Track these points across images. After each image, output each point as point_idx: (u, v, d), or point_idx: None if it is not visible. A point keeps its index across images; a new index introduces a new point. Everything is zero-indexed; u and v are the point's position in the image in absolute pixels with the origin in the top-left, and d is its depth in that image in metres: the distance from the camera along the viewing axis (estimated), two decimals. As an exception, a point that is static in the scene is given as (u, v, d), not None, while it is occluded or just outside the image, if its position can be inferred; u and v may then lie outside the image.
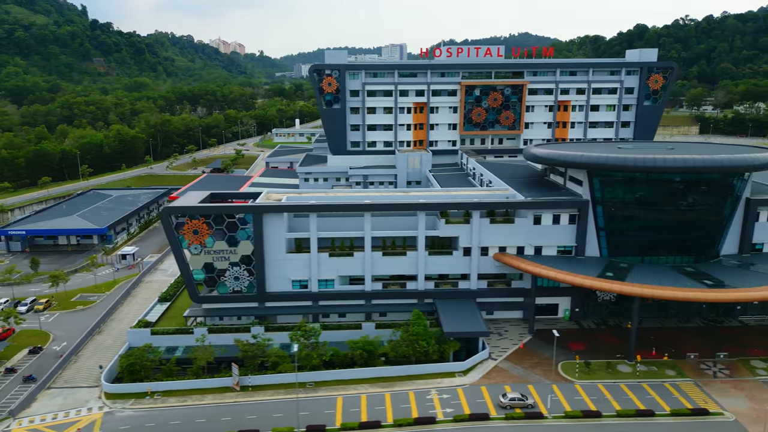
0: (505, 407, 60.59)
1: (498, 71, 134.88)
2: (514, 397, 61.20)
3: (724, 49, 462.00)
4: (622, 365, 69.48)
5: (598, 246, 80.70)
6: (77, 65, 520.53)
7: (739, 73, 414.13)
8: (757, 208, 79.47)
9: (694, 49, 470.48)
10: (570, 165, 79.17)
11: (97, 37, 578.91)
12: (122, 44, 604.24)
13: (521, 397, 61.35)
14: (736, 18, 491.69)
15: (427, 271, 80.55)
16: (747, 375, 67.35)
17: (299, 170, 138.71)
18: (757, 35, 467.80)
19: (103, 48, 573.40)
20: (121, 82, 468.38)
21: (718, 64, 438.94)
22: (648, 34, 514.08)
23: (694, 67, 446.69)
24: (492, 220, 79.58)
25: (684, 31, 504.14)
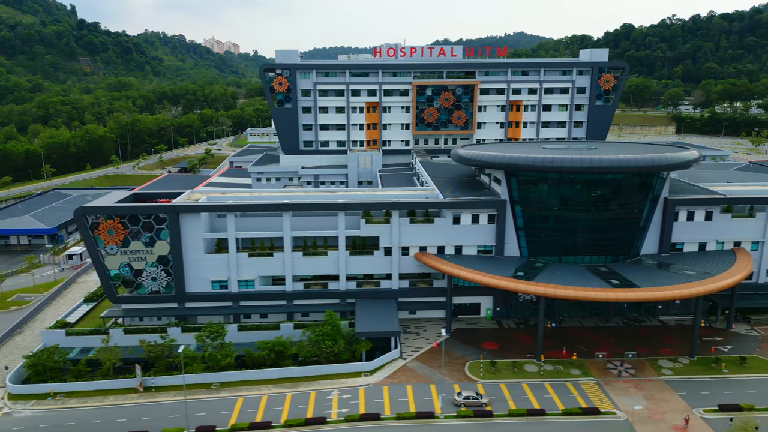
0: (458, 405, 60.91)
1: (450, 71, 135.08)
2: (468, 396, 61.49)
3: (710, 48, 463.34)
4: (530, 365, 69.71)
5: (518, 246, 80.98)
6: (62, 65, 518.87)
7: (724, 73, 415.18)
8: (675, 208, 79.84)
9: (680, 48, 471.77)
10: (485, 165, 79.27)
11: (83, 37, 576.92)
12: (109, 44, 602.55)
13: (475, 396, 61.57)
14: (722, 17, 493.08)
15: (348, 271, 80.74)
16: (652, 375, 67.60)
17: (251, 170, 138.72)
18: (743, 34, 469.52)
19: (89, 48, 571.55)
20: (105, 82, 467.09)
21: (703, 63, 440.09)
22: (634, 34, 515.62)
23: (678, 67, 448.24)
24: (412, 220, 79.71)
25: (670, 30, 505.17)
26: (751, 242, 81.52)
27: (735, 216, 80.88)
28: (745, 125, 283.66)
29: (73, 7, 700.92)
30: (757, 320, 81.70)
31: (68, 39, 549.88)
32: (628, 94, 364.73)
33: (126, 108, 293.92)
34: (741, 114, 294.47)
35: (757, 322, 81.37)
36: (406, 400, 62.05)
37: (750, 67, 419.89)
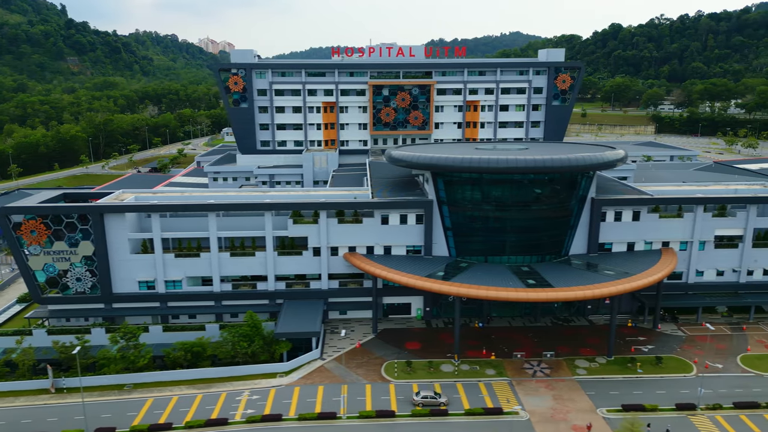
0: (416, 405, 60.95)
1: (406, 71, 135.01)
2: (427, 395, 61.53)
3: (697, 48, 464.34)
4: (447, 365, 69.79)
5: (447, 246, 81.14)
6: (49, 64, 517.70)
7: (710, 72, 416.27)
8: (601, 208, 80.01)
9: (667, 48, 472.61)
10: (411, 165, 79.26)
11: (71, 37, 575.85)
12: (97, 43, 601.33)
13: (433, 395, 61.61)
14: (710, 17, 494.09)
15: (277, 272, 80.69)
16: (566, 374, 67.73)
17: (207, 170, 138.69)
18: (730, 34, 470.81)
19: (77, 47, 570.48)
20: (91, 81, 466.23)
21: (689, 63, 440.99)
22: (622, 34, 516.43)
23: (665, 67, 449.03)
24: (340, 221, 79.72)
25: (658, 30, 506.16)
26: (679, 242, 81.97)
27: (663, 216, 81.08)
28: (724, 125, 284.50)
29: (63, 6, 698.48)
30: (685, 320, 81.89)
31: (56, 39, 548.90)
32: (609, 94, 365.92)
33: (106, 108, 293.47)
34: (719, 114, 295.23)
35: (686, 322, 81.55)
36: (314, 400, 62.07)
37: (736, 66, 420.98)
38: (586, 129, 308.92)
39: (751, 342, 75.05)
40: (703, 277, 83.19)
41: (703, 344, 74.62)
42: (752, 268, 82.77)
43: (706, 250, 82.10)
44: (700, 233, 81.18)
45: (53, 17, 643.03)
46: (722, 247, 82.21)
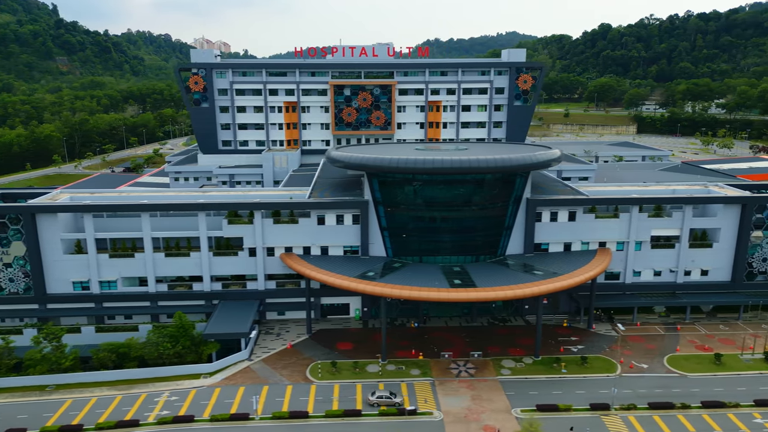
0: (372, 405, 61.03)
1: (368, 71, 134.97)
2: (382, 395, 61.71)
3: (685, 48, 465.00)
4: (374, 365, 69.76)
5: (384, 246, 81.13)
6: (38, 64, 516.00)
7: (698, 72, 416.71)
8: (536, 208, 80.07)
9: (656, 48, 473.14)
10: (347, 166, 79.13)
11: (60, 36, 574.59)
12: (87, 43, 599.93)
13: (389, 395, 61.71)
14: (699, 17, 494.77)
15: (213, 272, 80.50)
16: (491, 374, 67.76)
17: (168, 170, 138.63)
18: (719, 34, 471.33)
19: (66, 47, 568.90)
20: (79, 81, 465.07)
21: (677, 63, 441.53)
22: (611, 34, 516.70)
23: (653, 67, 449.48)
24: (276, 221, 79.68)
25: (647, 30, 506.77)
26: (616, 242, 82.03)
27: (599, 216, 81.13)
28: (704, 125, 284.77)
29: (54, 6, 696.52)
30: (622, 320, 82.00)
31: (44, 38, 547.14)
32: (593, 94, 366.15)
33: (89, 108, 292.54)
34: (700, 114, 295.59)
35: (622, 321, 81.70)
36: (231, 401, 62.02)
37: (723, 66, 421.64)
38: (568, 129, 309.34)
39: (682, 342, 75.19)
40: (640, 277, 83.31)
41: (633, 344, 74.81)
42: (689, 269, 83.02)
43: (643, 251, 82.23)
44: (636, 233, 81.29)
45: (44, 17, 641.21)
46: (659, 248, 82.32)
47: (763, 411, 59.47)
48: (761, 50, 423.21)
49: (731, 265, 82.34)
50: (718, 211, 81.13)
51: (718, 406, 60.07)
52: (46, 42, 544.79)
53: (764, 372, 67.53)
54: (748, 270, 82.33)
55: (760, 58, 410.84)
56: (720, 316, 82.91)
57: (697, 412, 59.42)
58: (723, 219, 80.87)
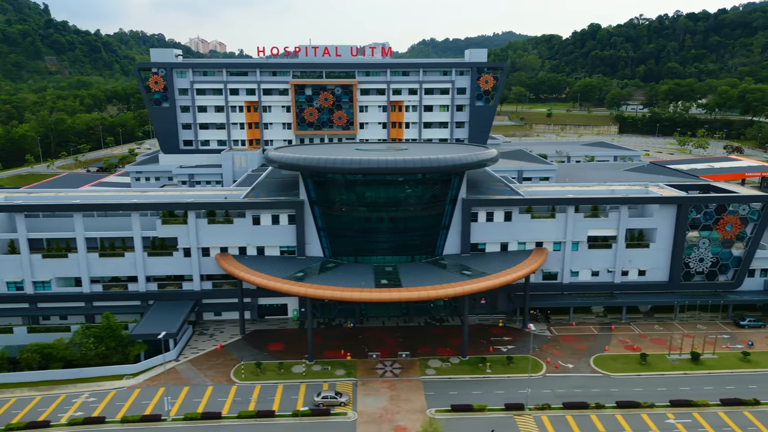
0: (317, 405, 61.08)
1: (330, 71, 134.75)
2: (327, 395, 61.76)
3: (674, 48, 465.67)
4: (300, 365, 69.67)
5: (321, 246, 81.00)
6: (27, 64, 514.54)
7: (685, 72, 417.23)
8: (472, 209, 79.97)
9: (644, 48, 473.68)
10: (281, 166, 78.87)
11: (49, 36, 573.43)
12: (77, 43, 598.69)
13: (334, 395, 61.75)
14: (688, 17, 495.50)
15: (148, 272, 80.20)
16: (415, 374, 67.68)
17: (129, 169, 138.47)
18: (708, 34, 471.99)
19: (56, 46, 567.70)
20: (66, 81, 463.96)
21: (665, 63, 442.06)
22: (600, 34, 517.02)
23: (641, 67, 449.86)
24: (210, 221, 79.46)
25: (636, 30, 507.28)
26: (552, 242, 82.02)
27: (535, 217, 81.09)
28: (685, 125, 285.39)
29: (45, 6, 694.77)
30: (558, 320, 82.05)
31: (33, 38, 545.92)
32: (576, 94, 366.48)
33: (71, 107, 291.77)
34: (680, 114, 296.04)
35: (558, 321, 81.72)
36: (148, 402, 61.88)
37: (711, 67, 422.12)
38: (550, 129, 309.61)
39: (613, 342, 75.24)
40: (578, 277, 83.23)
41: (563, 344, 74.79)
42: (627, 269, 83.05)
43: (580, 251, 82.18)
44: (573, 234, 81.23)
45: (34, 16, 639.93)
46: (596, 248, 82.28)
47: (677, 411, 59.51)
48: (749, 50, 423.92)
49: (668, 266, 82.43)
50: (654, 212, 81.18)
51: (632, 406, 60.05)
52: (35, 42, 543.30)
53: (688, 372, 67.61)
54: (685, 270, 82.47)
55: (747, 58, 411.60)
56: (657, 317, 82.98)
57: (611, 412, 59.42)
58: (659, 219, 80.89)
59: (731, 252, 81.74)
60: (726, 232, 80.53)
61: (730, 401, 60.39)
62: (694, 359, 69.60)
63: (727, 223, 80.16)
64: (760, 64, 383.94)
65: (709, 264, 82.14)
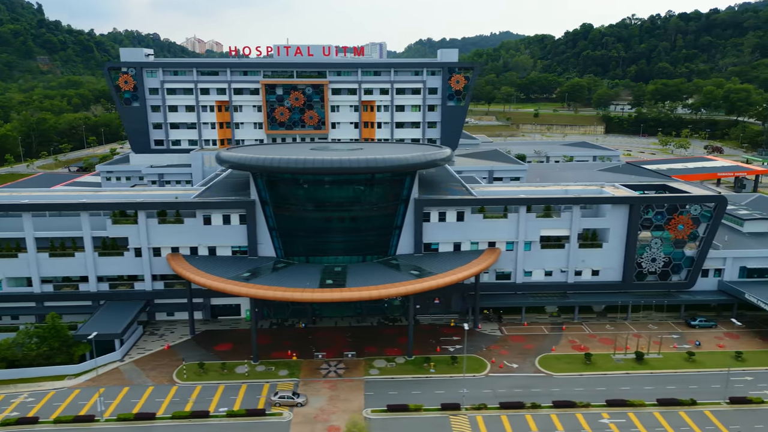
0: (274, 405, 61.05)
1: (301, 71, 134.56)
2: (284, 395, 61.70)
3: (665, 48, 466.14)
4: (244, 366, 69.49)
5: (273, 246, 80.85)
6: (18, 63, 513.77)
7: (676, 72, 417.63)
8: (424, 209, 79.85)
9: (636, 48, 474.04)
10: (232, 166, 78.70)
11: (42, 35, 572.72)
12: (69, 42, 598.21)
13: (291, 395, 61.66)
14: (680, 17, 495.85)
15: (99, 272, 79.90)
16: (359, 374, 67.55)
17: (99, 169, 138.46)
18: (699, 34, 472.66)
19: (48, 46, 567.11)
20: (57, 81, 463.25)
21: (656, 63, 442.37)
22: (592, 34, 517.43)
23: (632, 67, 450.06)
24: (161, 221, 79.28)
25: (628, 30, 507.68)
26: (505, 242, 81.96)
27: (487, 217, 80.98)
28: (670, 125, 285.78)
29: (39, 5, 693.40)
30: (510, 320, 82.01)
31: (25, 37, 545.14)
32: (564, 94, 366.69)
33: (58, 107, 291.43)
34: (666, 114, 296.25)
35: (510, 321, 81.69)
36: (85, 403, 61.68)
37: (701, 67, 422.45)
38: (537, 129, 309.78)
39: (562, 342, 75.18)
40: (531, 277, 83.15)
41: (512, 344, 74.70)
42: (580, 269, 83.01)
43: (533, 251, 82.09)
44: (525, 233, 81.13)
45: (27, 16, 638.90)
46: (549, 248, 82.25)
47: (613, 411, 59.45)
48: (739, 50, 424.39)
49: (622, 266, 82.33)
50: (607, 212, 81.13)
51: (568, 405, 59.97)
52: (27, 41, 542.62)
53: (631, 372, 67.56)
54: (638, 270, 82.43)
55: (737, 58, 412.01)
56: (610, 316, 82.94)
57: (546, 412, 59.34)
58: (611, 219, 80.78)
59: (684, 252, 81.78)
60: (678, 232, 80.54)
61: (666, 401, 60.36)
62: (638, 359, 69.57)
63: (678, 223, 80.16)
64: (750, 64, 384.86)
65: (661, 264, 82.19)
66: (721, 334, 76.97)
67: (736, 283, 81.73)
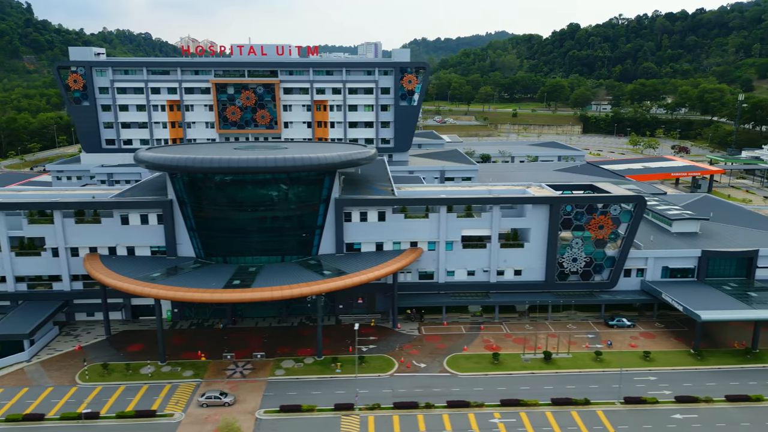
0: (202, 405, 60.92)
1: (252, 70, 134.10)
2: (211, 395, 61.55)
3: (650, 48, 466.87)
4: (150, 366, 69.08)
5: (192, 246, 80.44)
6: (4, 63, 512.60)
7: (661, 72, 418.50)
8: (344, 208, 79.54)
9: (622, 48, 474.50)
10: (148, 167, 78.31)
11: (28, 35, 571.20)
12: (56, 42, 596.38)
13: (218, 395, 61.51)
14: (666, 17, 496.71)
15: (17, 272, 79.28)
16: (264, 375, 67.18)
17: (50, 168, 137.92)
18: (685, 34, 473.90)
19: (34, 46, 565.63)
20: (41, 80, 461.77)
21: (642, 63, 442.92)
22: (578, 34, 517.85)
23: (617, 66, 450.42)
24: (78, 221, 78.80)
25: (615, 30, 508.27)
26: (427, 242, 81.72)
27: (409, 216, 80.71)
28: (646, 125, 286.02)
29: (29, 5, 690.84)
30: (432, 319, 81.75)
31: (12, 37, 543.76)
32: (543, 94, 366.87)
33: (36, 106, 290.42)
34: (642, 114, 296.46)
35: (432, 321, 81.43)
36: (-20, 403, 61.42)
37: (686, 66, 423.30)
38: (514, 129, 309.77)
39: (476, 342, 74.95)
40: (454, 277, 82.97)
41: (426, 344, 74.40)
42: (503, 268, 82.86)
43: (455, 250, 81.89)
44: (446, 233, 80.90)
45: (16, 15, 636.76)
46: (471, 248, 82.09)
47: (505, 411, 59.27)
48: (724, 50, 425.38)
49: (544, 265, 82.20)
50: (527, 212, 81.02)
51: (462, 405, 59.78)
52: (13, 40, 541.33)
53: (536, 372, 67.38)
54: (560, 270, 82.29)
55: (721, 58, 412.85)
56: (532, 316, 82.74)
57: (439, 412, 59.13)
58: (532, 219, 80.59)
59: (605, 252, 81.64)
60: (598, 232, 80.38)
61: (561, 401, 60.20)
62: (546, 359, 69.38)
63: (598, 223, 79.99)
64: (734, 63, 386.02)
65: (583, 264, 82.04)
66: (637, 334, 76.91)
67: (657, 283, 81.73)
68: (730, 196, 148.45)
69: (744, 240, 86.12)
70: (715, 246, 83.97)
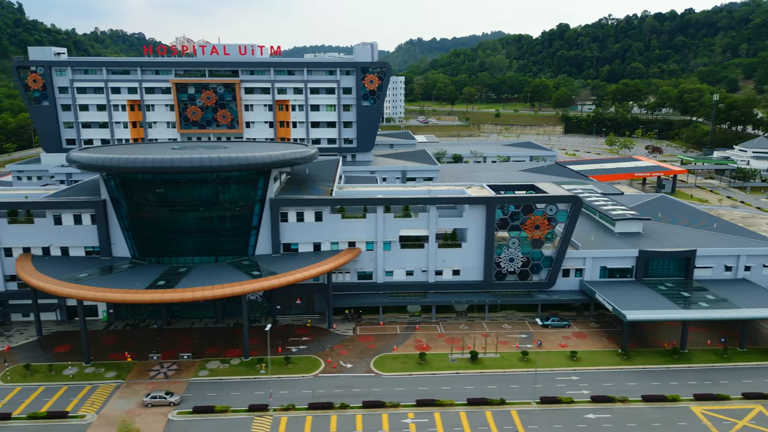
0: (147, 405, 60.55)
1: (213, 70, 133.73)
2: (156, 395, 61.18)
3: (639, 48, 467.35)
4: (73, 368, 68.65)
5: (128, 246, 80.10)
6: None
7: (648, 72, 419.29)
8: (280, 209, 79.29)
9: (611, 48, 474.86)
10: (81, 167, 77.42)
11: (17, 35, 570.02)
12: (46, 42, 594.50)
13: (163, 396, 61.09)
14: (655, 17, 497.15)
15: (-50, 273, 79.50)
16: (188, 376, 66.75)
17: (10, 167, 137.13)
18: (673, 34, 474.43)
19: (23, 46, 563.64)
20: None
21: (630, 63, 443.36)
22: (568, 34, 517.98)
23: (605, 67, 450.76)
24: (11, 221, 78.33)
25: (604, 30, 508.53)
26: (365, 242, 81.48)
27: (346, 217, 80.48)
28: (626, 125, 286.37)
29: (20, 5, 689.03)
30: (370, 320, 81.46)
31: (0, 37, 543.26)
32: (527, 94, 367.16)
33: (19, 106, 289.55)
34: (622, 114, 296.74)
35: (369, 321, 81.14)
36: None
37: (673, 67, 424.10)
38: (496, 129, 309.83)
39: (408, 342, 74.66)
40: (393, 277, 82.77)
41: (358, 344, 74.14)
42: (441, 268, 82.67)
43: (393, 251, 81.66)
44: (384, 233, 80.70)
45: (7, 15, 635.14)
46: (409, 248, 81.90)
47: (420, 411, 58.97)
48: (711, 50, 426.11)
49: (482, 265, 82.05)
50: (464, 212, 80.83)
51: (377, 406, 59.51)
52: (2, 41, 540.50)
53: (461, 372, 67.11)
54: (497, 270, 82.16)
55: (708, 58, 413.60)
56: (470, 316, 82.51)
57: (354, 412, 58.84)
58: (469, 219, 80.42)
59: (542, 252, 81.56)
60: (534, 232, 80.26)
61: (476, 401, 60.00)
62: (472, 359, 69.20)
63: (534, 224, 79.88)
64: (721, 64, 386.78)
65: (520, 264, 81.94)
66: (570, 334, 76.73)
67: (594, 283, 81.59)
68: (693, 196, 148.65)
69: (684, 240, 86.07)
70: (655, 246, 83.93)
